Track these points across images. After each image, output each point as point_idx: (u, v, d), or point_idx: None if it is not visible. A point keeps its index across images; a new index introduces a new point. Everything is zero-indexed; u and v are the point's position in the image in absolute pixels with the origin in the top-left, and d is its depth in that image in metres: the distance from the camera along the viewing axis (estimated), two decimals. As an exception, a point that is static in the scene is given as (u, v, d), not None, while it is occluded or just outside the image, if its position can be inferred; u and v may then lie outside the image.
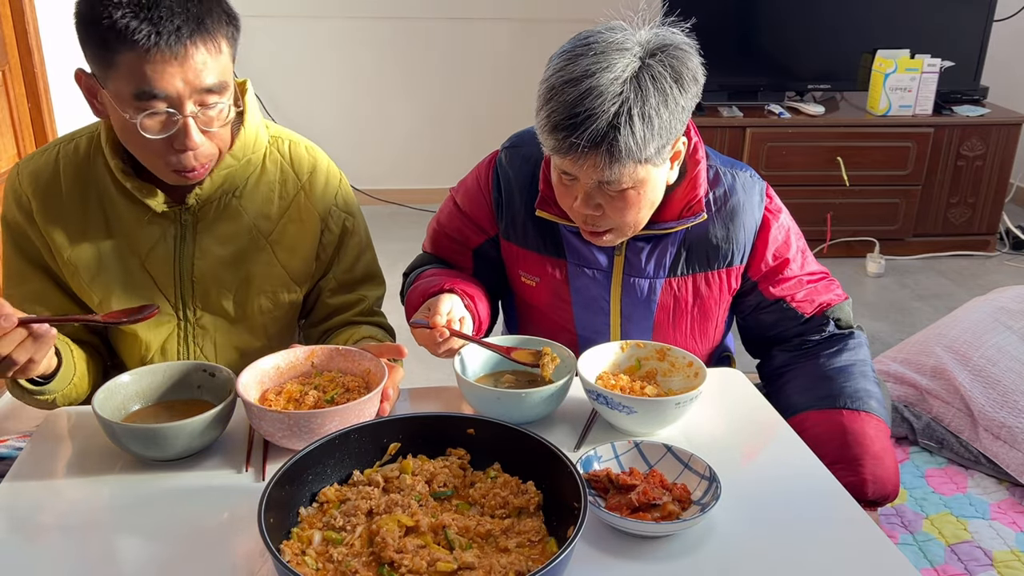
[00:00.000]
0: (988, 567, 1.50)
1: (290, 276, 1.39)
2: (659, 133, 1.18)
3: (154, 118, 1.16)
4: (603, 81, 1.15)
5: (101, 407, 1.12)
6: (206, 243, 1.33)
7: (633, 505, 1.01)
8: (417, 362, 1.62)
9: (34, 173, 1.31)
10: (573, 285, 1.43)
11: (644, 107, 1.16)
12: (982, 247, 3.97)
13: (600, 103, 1.15)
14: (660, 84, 1.18)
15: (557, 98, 1.18)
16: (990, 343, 1.96)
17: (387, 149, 4.48)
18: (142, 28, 1.10)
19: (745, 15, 3.89)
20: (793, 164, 3.74)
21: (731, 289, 1.43)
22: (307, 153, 1.40)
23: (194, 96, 1.16)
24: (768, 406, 1.31)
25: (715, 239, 1.38)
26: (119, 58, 1.13)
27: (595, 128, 1.15)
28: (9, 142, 2.76)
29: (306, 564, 0.90)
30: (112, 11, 1.11)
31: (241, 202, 1.34)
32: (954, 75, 3.82)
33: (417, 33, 4.32)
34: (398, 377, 1.24)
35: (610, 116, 1.15)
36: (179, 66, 1.13)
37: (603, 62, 1.17)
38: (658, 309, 1.42)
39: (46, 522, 1.03)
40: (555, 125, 1.18)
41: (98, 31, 1.12)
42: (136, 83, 1.13)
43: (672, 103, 1.19)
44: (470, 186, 1.48)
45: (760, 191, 1.41)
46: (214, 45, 1.16)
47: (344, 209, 1.42)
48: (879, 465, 1.28)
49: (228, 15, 1.20)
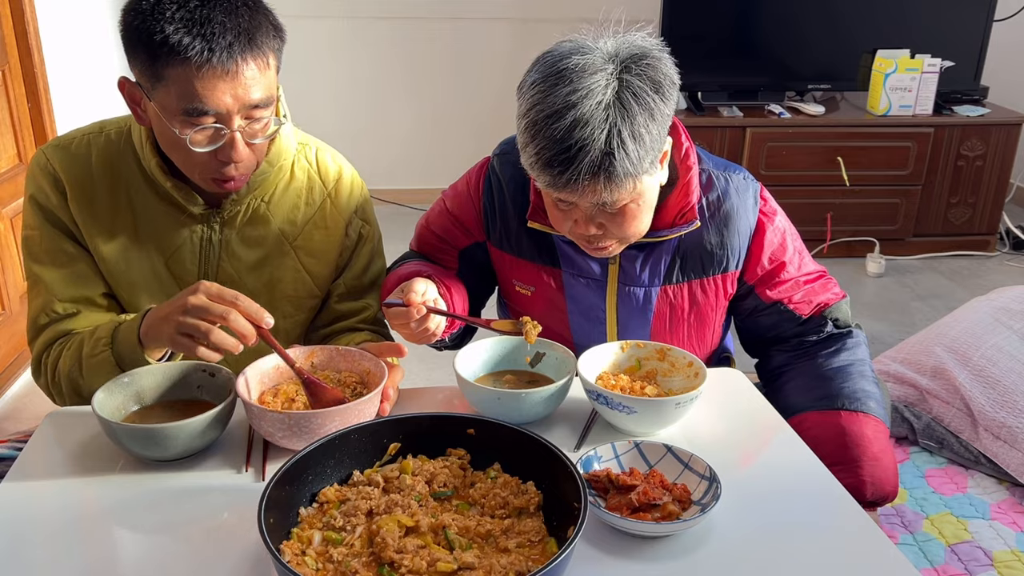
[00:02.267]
0: (988, 567, 1.50)
1: (314, 282, 1.40)
2: (651, 147, 1.17)
3: (202, 132, 1.16)
4: (586, 109, 1.12)
5: (101, 407, 1.12)
6: (233, 246, 1.34)
7: (633, 505, 1.01)
8: (417, 362, 1.62)
9: (68, 158, 1.31)
10: (569, 294, 1.42)
11: (633, 126, 1.14)
12: (982, 247, 3.97)
13: (589, 132, 1.12)
14: (643, 99, 1.15)
15: (543, 134, 1.15)
16: (990, 343, 1.96)
17: (386, 149, 4.48)
18: (195, 44, 1.10)
19: (745, 15, 3.89)
20: (793, 164, 3.74)
21: (727, 294, 1.42)
22: (333, 161, 1.42)
23: (242, 111, 1.17)
24: (768, 406, 1.31)
25: (710, 245, 1.37)
26: (168, 71, 1.13)
27: (590, 159, 1.13)
28: (9, 142, 2.76)
29: (306, 564, 0.90)
30: (165, 25, 1.10)
31: (269, 207, 1.35)
32: (954, 75, 3.82)
33: (417, 33, 4.32)
34: (398, 377, 1.24)
35: (602, 144, 1.13)
36: (229, 82, 1.13)
37: (581, 88, 1.13)
38: (654, 317, 1.41)
39: (46, 522, 1.03)
40: (547, 162, 1.15)
41: (148, 44, 1.12)
42: (186, 99, 1.13)
43: (658, 114, 1.17)
44: (460, 190, 1.47)
45: (754, 193, 1.40)
46: (263, 60, 1.17)
47: (362, 217, 1.44)
48: (877, 466, 1.28)
49: (275, 27, 1.20)
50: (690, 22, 3.79)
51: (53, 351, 1.30)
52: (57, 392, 1.31)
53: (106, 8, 3.45)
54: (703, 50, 3.87)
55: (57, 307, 1.30)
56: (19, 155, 2.82)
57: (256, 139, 1.21)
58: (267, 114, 1.21)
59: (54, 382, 1.30)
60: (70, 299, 1.30)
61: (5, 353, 2.71)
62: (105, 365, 1.21)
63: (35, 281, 1.32)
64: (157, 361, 1.21)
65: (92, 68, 3.31)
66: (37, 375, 1.33)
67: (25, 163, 2.85)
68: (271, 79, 1.20)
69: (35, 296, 1.32)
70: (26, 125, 2.85)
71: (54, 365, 1.29)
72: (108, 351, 1.21)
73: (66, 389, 1.28)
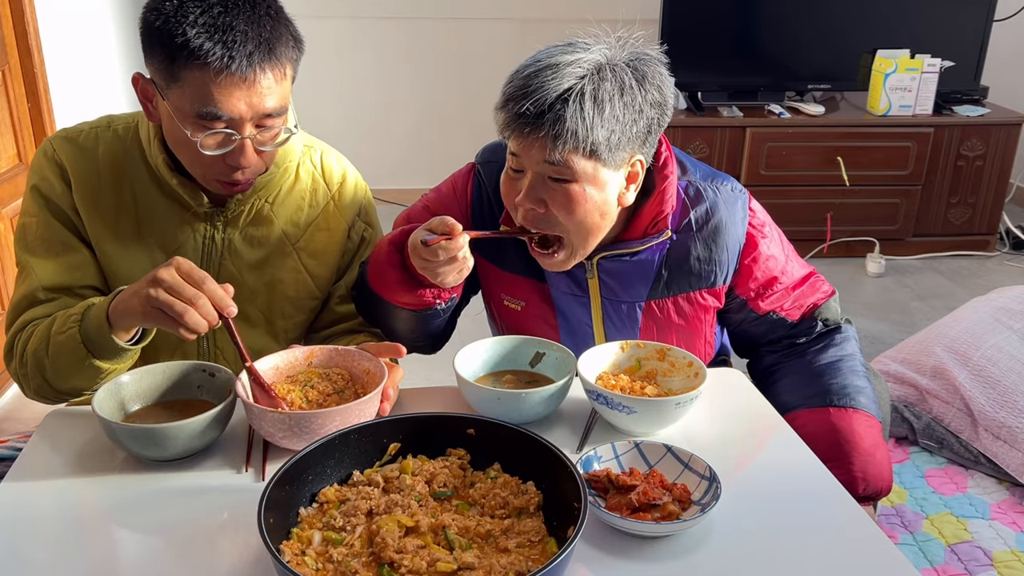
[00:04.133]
0: (988, 567, 1.50)
1: (315, 283, 1.40)
2: (608, 122, 1.17)
3: (213, 136, 1.17)
4: (563, 62, 1.17)
5: (101, 407, 1.12)
6: (235, 246, 1.34)
7: (633, 505, 1.01)
8: (417, 362, 1.62)
9: (75, 151, 1.30)
10: (558, 307, 1.42)
11: (598, 91, 1.16)
12: (982, 247, 3.97)
13: (554, 79, 1.16)
14: (619, 77, 1.18)
15: (517, 75, 1.20)
16: (990, 343, 1.96)
17: (387, 149, 4.48)
18: (215, 51, 1.11)
19: (745, 15, 3.89)
20: (793, 164, 3.74)
21: (716, 307, 1.41)
22: (338, 164, 1.43)
23: (255, 119, 1.17)
24: (768, 406, 1.31)
25: (697, 261, 1.35)
26: (186, 74, 1.13)
27: (543, 98, 1.16)
28: (9, 142, 2.76)
29: (306, 564, 0.90)
30: (187, 29, 1.11)
31: (273, 208, 1.35)
32: (954, 75, 3.82)
33: (417, 33, 4.32)
34: (398, 377, 1.25)
35: (560, 91, 1.16)
36: (246, 90, 1.14)
37: (570, 54, 1.18)
38: (641, 331, 1.41)
39: (46, 522, 1.03)
40: (507, 98, 1.20)
41: (168, 46, 1.12)
42: (201, 102, 1.14)
43: (628, 97, 1.18)
44: (445, 192, 1.44)
45: (743, 204, 1.37)
46: (280, 71, 1.18)
47: (365, 220, 1.44)
48: (869, 462, 1.28)
49: (295, 39, 1.21)
50: (690, 22, 3.79)
51: (25, 332, 1.28)
52: (23, 375, 1.27)
53: (106, 8, 3.45)
54: (703, 50, 3.87)
55: (40, 295, 1.29)
56: (19, 155, 2.82)
57: (266, 147, 1.22)
58: (279, 123, 1.22)
59: (21, 363, 1.27)
60: (55, 287, 1.29)
61: (5, 353, 2.71)
62: (70, 343, 1.19)
63: (23, 268, 1.31)
64: (126, 343, 1.18)
65: (92, 68, 3.31)
66: (8, 359, 1.30)
67: (25, 163, 2.85)
68: (286, 89, 1.21)
69: (20, 283, 1.31)
70: (26, 125, 2.85)
71: (23, 346, 1.27)
72: (76, 328, 1.19)
73: (31, 370, 1.25)
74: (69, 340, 1.19)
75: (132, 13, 3.65)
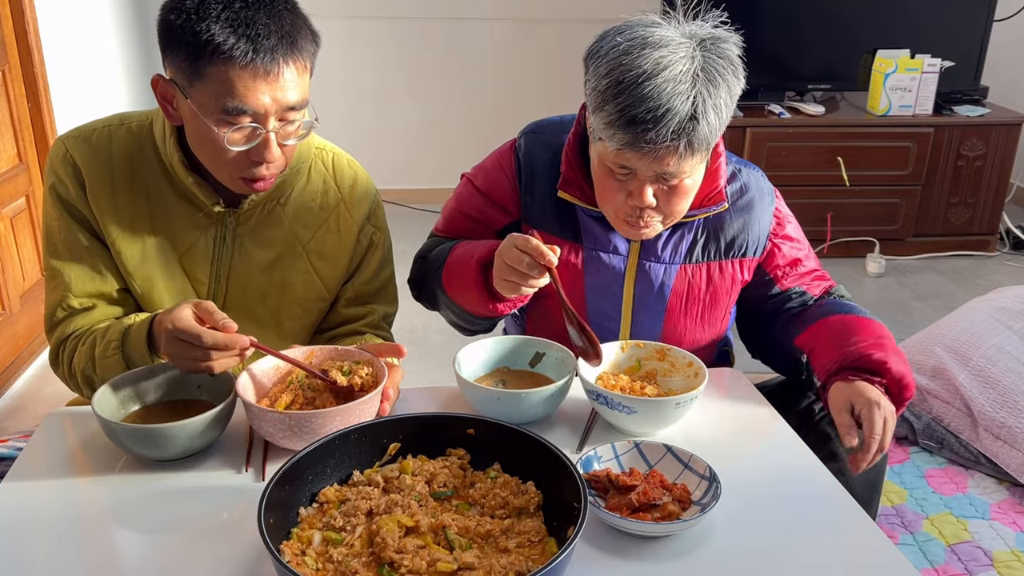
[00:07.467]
0: (988, 567, 1.50)
1: (324, 285, 1.41)
2: (724, 122, 1.23)
3: (239, 132, 1.18)
4: (677, 72, 1.17)
5: (101, 407, 1.12)
6: (246, 246, 1.35)
7: (633, 505, 1.01)
8: (417, 362, 1.62)
9: (88, 149, 1.31)
10: (588, 269, 1.43)
11: (716, 98, 1.19)
12: (982, 247, 3.97)
13: (679, 95, 1.17)
14: (724, 75, 1.20)
15: (631, 92, 1.17)
16: (990, 343, 1.96)
17: (388, 149, 4.48)
18: (240, 45, 1.12)
19: (745, 15, 3.88)
20: (793, 164, 3.74)
21: (742, 280, 1.45)
22: (349, 167, 1.44)
23: (278, 112, 1.18)
24: (768, 406, 1.31)
25: (732, 229, 1.41)
26: (210, 70, 1.14)
27: (677, 121, 1.17)
28: (9, 142, 2.76)
29: (306, 564, 0.90)
30: (210, 24, 1.12)
31: (284, 209, 1.36)
32: (954, 75, 3.82)
33: (418, 33, 4.32)
34: (398, 377, 1.24)
35: (689, 108, 1.17)
36: (270, 83, 1.15)
37: (669, 55, 1.18)
38: (671, 295, 1.43)
39: (46, 522, 1.03)
40: (632, 119, 1.18)
41: (191, 43, 1.13)
42: (226, 97, 1.14)
43: (734, 92, 1.23)
44: (491, 169, 1.47)
45: (770, 193, 1.45)
46: (302, 64, 1.19)
47: (375, 224, 1.45)
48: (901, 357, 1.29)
49: (312, 32, 1.23)
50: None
51: (68, 344, 1.31)
52: (74, 384, 1.33)
53: (106, 8, 3.45)
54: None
55: (73, 302, 1.31)
56: (19, 155, 2.82)
57: (289, 140, 1.23)
58: (300, 116, 1.23)
59: (70, 375, 1.32)
60: (86, 294, 1.32)
61: (5, 353, 2.71)
62: (117, 367, 1.24)
63: (52, 275, 1.33)
64: None
65: (92, 68, 3.31)
66: (55, 366, 1.35)
67: (25, 163, 2.85)
68: (306, 82, 1.22)
69: (52, 290, 1.33)
70: (26, 125, 2.85)
71: (69, 359, 1.31)
72: (118, 355, 1.24)
73: (82, 383, 1.30)
74: (116, 364, 1.24)
75: (132, 13, 3.65)
